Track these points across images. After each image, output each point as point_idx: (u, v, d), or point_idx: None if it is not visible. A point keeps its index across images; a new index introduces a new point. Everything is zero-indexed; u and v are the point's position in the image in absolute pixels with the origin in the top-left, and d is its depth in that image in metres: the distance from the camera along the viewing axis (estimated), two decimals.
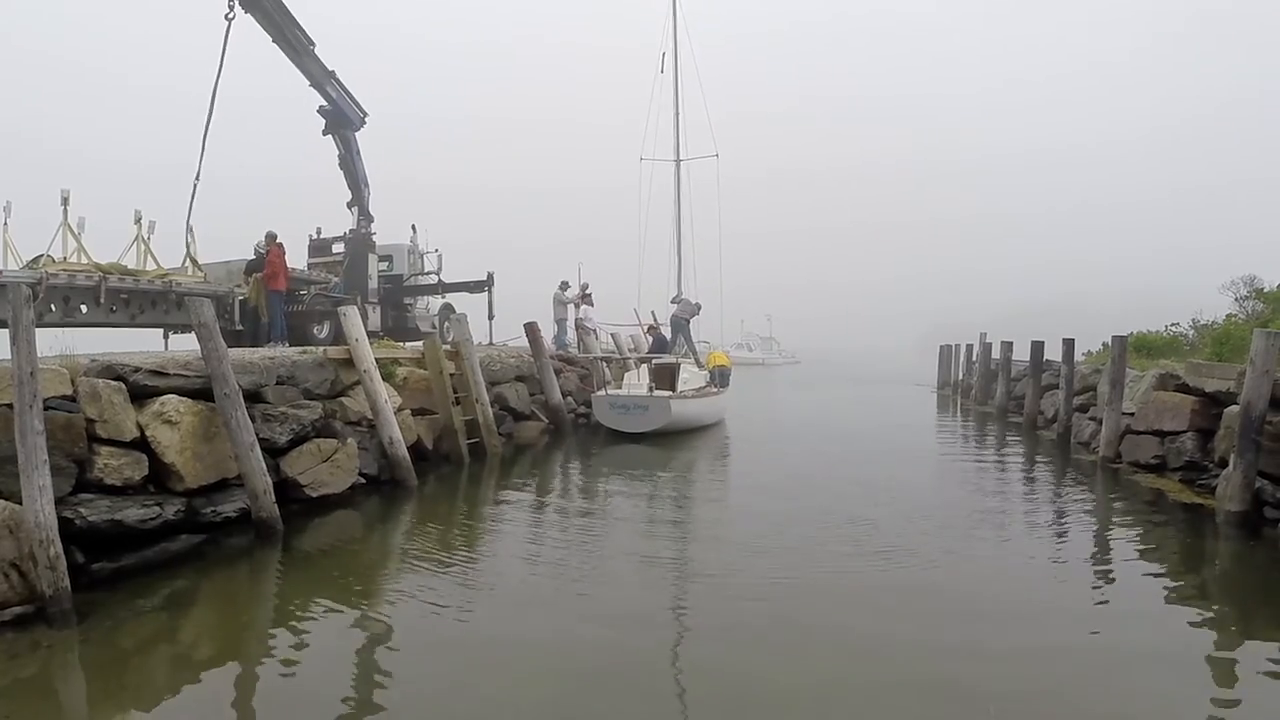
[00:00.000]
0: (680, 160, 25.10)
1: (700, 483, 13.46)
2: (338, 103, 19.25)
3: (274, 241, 15.49)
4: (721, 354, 23.20)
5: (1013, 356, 23.85)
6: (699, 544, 9.16)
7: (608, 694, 5.33)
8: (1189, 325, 18.10)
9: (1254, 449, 9.19)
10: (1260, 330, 9.60)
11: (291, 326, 16.09)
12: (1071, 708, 4.99)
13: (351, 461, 10.71)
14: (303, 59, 18.19)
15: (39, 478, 6.28)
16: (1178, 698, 5.21)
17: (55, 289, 12.72)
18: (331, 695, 5.21)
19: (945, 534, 9.12)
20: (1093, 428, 15.46)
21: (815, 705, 5.08)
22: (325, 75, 18.72)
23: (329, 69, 18.78)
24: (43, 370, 6.88)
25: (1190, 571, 8.26)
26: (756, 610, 6.72)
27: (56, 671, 5.71)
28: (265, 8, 17.01)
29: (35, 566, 6.24)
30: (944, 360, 35.01)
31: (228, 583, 7.60)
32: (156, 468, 8.11)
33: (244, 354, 10.68)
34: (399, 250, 22.02)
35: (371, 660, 5.92)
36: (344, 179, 20.47)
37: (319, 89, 18.86)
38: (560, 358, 20.65)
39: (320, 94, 18.98)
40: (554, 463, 15.16)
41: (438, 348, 14.02)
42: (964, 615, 6.61)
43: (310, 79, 18.59)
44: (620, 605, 7.03)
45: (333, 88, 19.00)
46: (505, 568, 8.14)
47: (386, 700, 5.20)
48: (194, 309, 8.87)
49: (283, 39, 17.66)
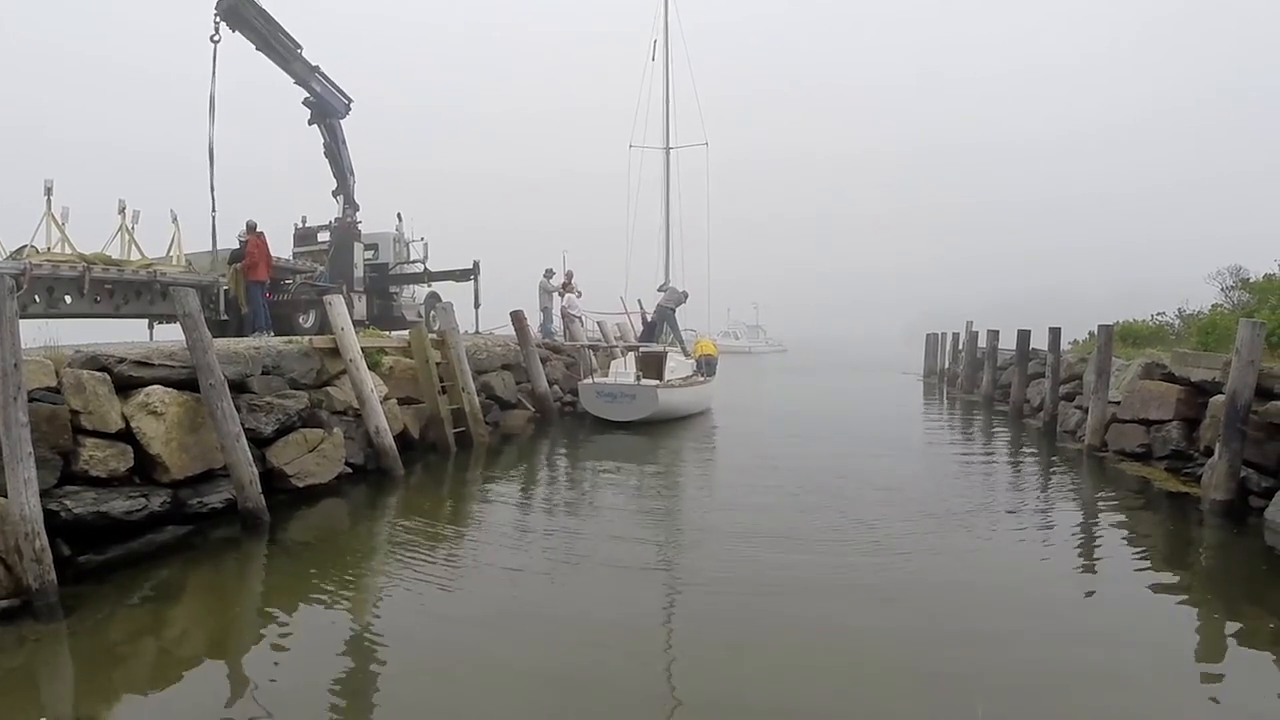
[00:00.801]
0: (670, 148, 25.00)
1: (686, 472, 13.47)
2: (322, 95, 19.27)
3: (254, 231, 15.29)
4: (709, 342, 23.20)
5: (999, 345, 23.93)
6: (685, 534, 9.15)
7: (594, 684, 5.33)
8: (1175, 315, 18.19)
9: (1239, 438, 9.25)
10: (1246, 320, 9.65)
11: (276, 316, 15.98)
12: (1058, 700, 5.00)
13: (338, 451, 10.67)
14: (289, 63, 18.27)
15: (24, 470, 6.23)
16: (1165, 687, 5.26)
17: (39, 280, 12.60)
18: (319, 685, 5.20)
19: (930, 524, 9.15)
20: (1078, 416, 15.56)
21: (803, 697, 5.09)
22: (309, 72, 18.78)
23: (312, 65, 18.80)
24: (27, 362, 6.81)
25: (1176, 561, 8.33)
26: (743, 603, 6.73)
27: (43, 665, 5.66)
28: (253, 24, 17.05)
29: (21, 560, 6.19)
30: (930, 348, 35.13)
31: (214, 574, 7.55)
32: (142, 459, 8.05)
33: (229, 344, 10.61)
34: (384, 239, 21.89)
35: (358, 650, 5.90)
36: (329, 167, 20.36)
37: (304, 86, 18.91)
38: (546, 346, 20.61)
39: (305, 90, 19.00)
40: (540, 451, 15.14)
41: (424, 336, 13.98)
42: (950, 607, 6.64)
43: (296, 79, 18.67)
44: (606, 595, 7.04)
45: (317, 82, 19.05)
46: (492, 557, 8.12)
47: (374, 691, 5.21)
48: (179, 299, 8.79)
49: (269, 48, 17.76)
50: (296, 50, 18.28)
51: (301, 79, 18.68)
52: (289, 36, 18.02)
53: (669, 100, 24.90)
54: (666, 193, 24.84)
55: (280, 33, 17.76)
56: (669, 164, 24.98)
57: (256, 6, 17.10)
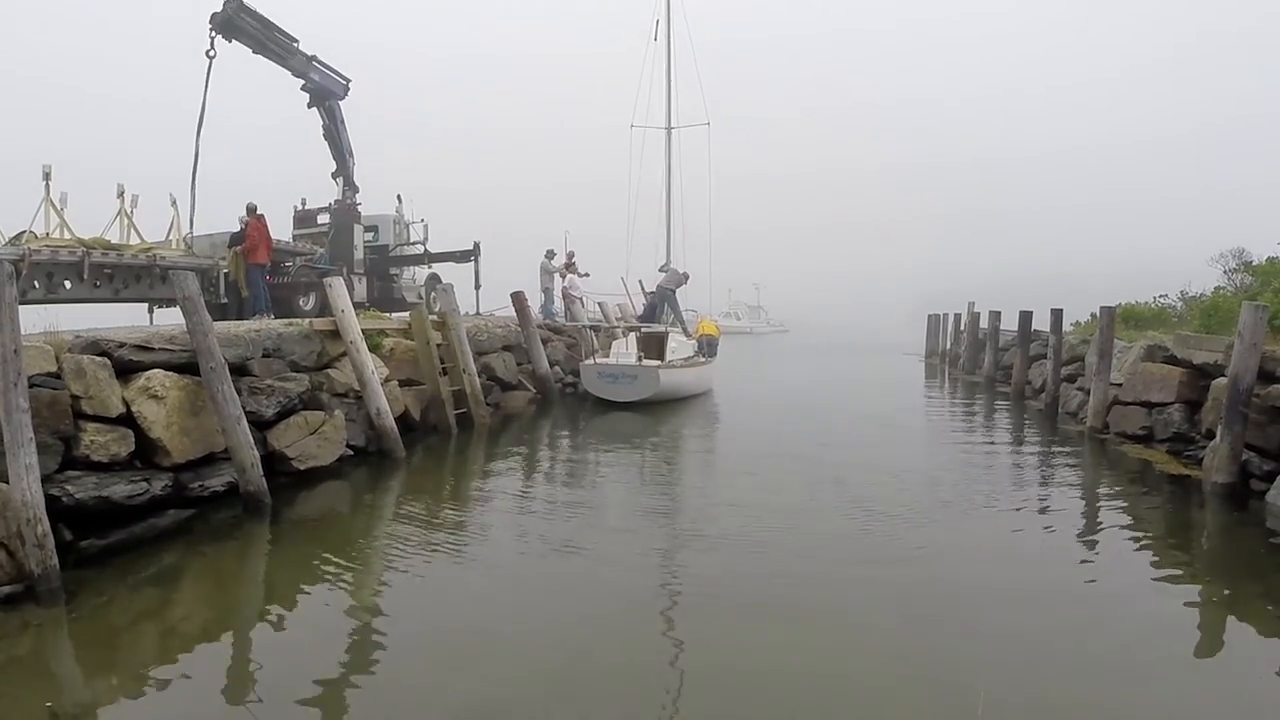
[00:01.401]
0: (671, 128, 24.87)
1: (688, 454, 13.49)
2: (321, 82, 19.16)
3: (254, 214, 15.24)
4: (710, 323, 23.15)
5: (1001, 326, 23.90)
6: (686, 518, 9.15)
7: (597, 666, 5.35)
8: (1177, 297, 18.14)
9: (1241, 421, 9.25)
10: (1249, 303, 9.63)
11: (277, 299, 15.97)
12: (1059, 685, 5.01)
13: (339, 433, 10.67)
14: (287, 59, 18.11)
15: (25, 456, 6.21)
16: (1166, 671, 5.27)
17: (38, 265, 12.56)
18: (321, 668, 5.21)
19: (930, 506, 9.17)
20: (1080, 398, 15.55)
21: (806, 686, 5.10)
22: (307, 64, 18.62)
23: (309, 55, 18.63)
24: (27, 347, 6.78)
25: (1177, 544, 8.34)
26: (746, 588, 6.73)
27: (46, 650, 5.67)
28: (248, 31, 16.90)
29: (23, 545, 6.19)
30: (932, 329, 35.11)
31: (216, 557, 7.56)
32: (143, 443, 8.04)
33: (229, 327, 10.57)
34: (384, 220, 21.81)
35: (361, 632, 5.92)
36: (329, 149, 20.28)
37: (303, 78, 18.78)
38: (547, 327, 20.60)
39: (304, 80, 18.88)
40: (541, 432, 15.16)
41: (424, 318, 13.95)
42: (949, 591, 6.64)
43: (294, 73, 18.51)
44: (607, 577, 7.04)
45: (316, 72, 18.92)
46: (494, 538, 8.16)
47: (376, 672, 5.22)
48: (179, 283, 8.76)
49: (265, 49, 17.59)
50: (293, 45, 18.11)
51: (300, 72, 18.53)
52: (284, 34, 17.84)
53: (670, 80, 24.75)
54: (668, 172, 24.74)
55: (276, 32, 17.60)
56: (670, 143, 24.86)
57: (251, 12, 16.87)
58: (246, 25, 16.79)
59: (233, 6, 16.41)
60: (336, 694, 4.96)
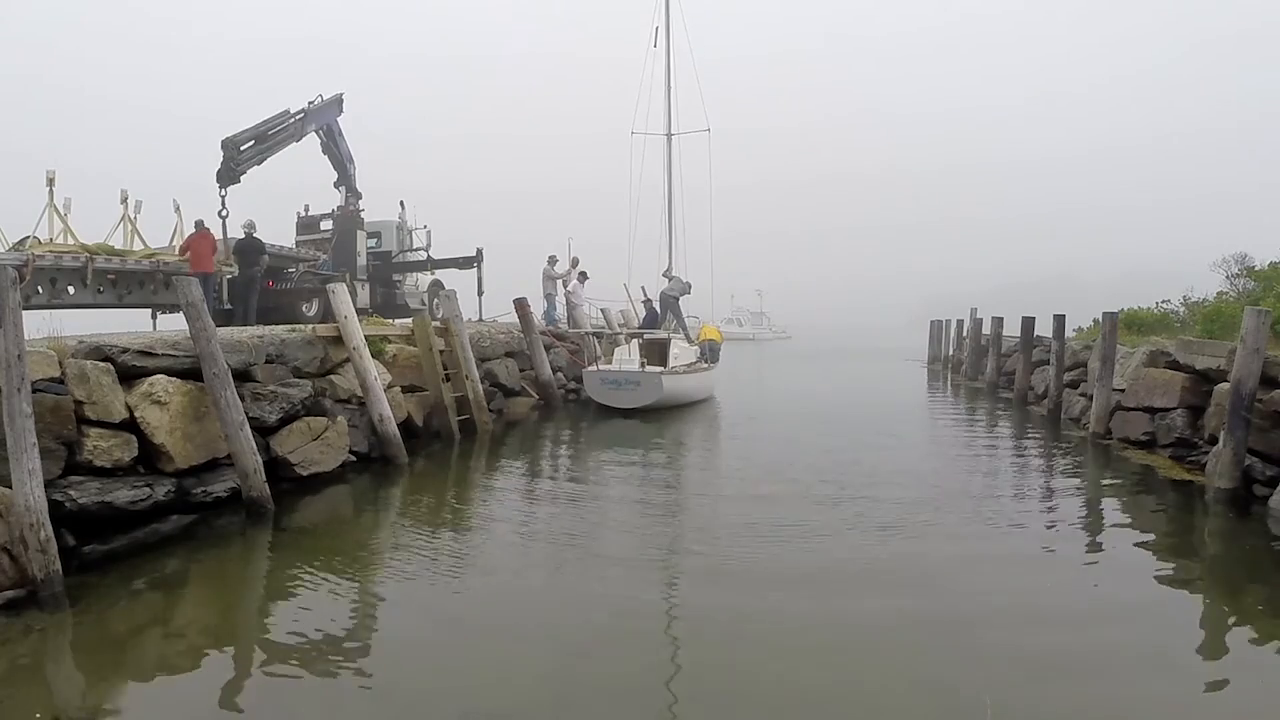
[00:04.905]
0: (671, 134, 24.87)
1: (691, 460, 13.46)
2: (321, 120, 19.57)
3: (201, 228, 15.15)
4: (713, 329, 23.13)
5: (1003, 332, 23.87)
6: (689, 523, 9.13)
7: (598, 670, 5.35)
8: (1180, 302, 18.12)
9: (1244, 426, 9.22)
10: (1251, 308, 9.60)
11: (279, 305, 16.01)
12: (1064, 689, 5.01)
13: (342, 439, 10.68)
14: (291, 140, 18.24)
15: (28, 461, 6.23)
16: (1170, 675, 5.26)
17: (42, 270, 12.62)
18: (323, 674, 5.22)
19: (934, 512, 9.15)
20: (1083, 404, 15.53)
21: (810, 695, 5.09)
22: (305, 124, 18.71)
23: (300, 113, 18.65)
24: (31, 353, 6.80)
25: (1180, 549, 8.32)
26: (747, 594, 6.72)
27: (49, 655, 5.68)
28: (250, 158, 16.83)
29: (26, 550, 6.20)
30: (934, 335, 35.05)
31: (219, 563, 7.57)
32: (146, 448, 8.05)
33: (232, 333, 10.61)
34: (387, 227, 21.90)
35: (362, 639, 5.93)
36: (329, 163, 20.40)
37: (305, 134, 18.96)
38: (550, 333, 20.62)
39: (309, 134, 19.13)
40: (544, 439, 15.16)
41: (427, 324, 13.99)
42: (955, 596, 6.62)
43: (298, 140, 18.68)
44: (610, 583, 7.02)
45: (312, 122, 19.09)
46: (496, 544, 8.15)
47: (378, 678, 5.21)
48: (182, 288, 8.79)
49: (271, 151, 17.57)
50: (288, 121, 18.12)
51: (301, 136, 18.69)
52: (280, 120, 17.86)
53: (670, 86, 24.72)
54: (669, 179, 24.70)
55: (274, 129, 17.60)
56: (670, 150, 24.83)
57: (242, 140, 16.70)
58: (246, 156, 16.68)
59: (229, 152, 16.30)
60: (338, 700, 4.96)
